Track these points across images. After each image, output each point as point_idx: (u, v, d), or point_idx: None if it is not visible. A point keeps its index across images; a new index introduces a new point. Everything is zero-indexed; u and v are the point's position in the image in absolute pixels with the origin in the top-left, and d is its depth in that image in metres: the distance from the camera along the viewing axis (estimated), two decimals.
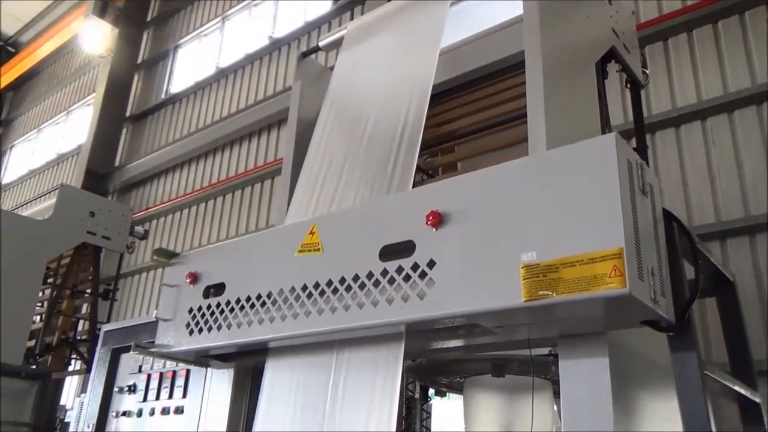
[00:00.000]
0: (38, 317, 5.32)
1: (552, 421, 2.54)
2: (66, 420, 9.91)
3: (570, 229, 1.39)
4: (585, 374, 1.56)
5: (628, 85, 2.60)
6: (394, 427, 1.74)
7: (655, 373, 1.78)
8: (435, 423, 4.16)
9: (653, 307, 1.37)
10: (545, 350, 2.27)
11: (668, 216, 1.59)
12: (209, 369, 2.44)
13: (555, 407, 2.55)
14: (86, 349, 5.26)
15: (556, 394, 2.51)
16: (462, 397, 2.68)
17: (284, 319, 1.85)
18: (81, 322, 5.64)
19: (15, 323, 4.28)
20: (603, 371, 1.53)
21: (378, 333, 1.75)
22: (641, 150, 2.61)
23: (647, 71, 2.61)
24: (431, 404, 4.01)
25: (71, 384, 10.52)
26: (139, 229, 5.61)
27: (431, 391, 3.80)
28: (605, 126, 2.08)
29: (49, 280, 5.27)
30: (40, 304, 5.15)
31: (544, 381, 2.45)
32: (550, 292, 1.37)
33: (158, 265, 9.88)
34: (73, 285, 5.42)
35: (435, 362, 2.53)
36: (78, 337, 5.50)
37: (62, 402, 10.44)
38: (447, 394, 3.40)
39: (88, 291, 5.61)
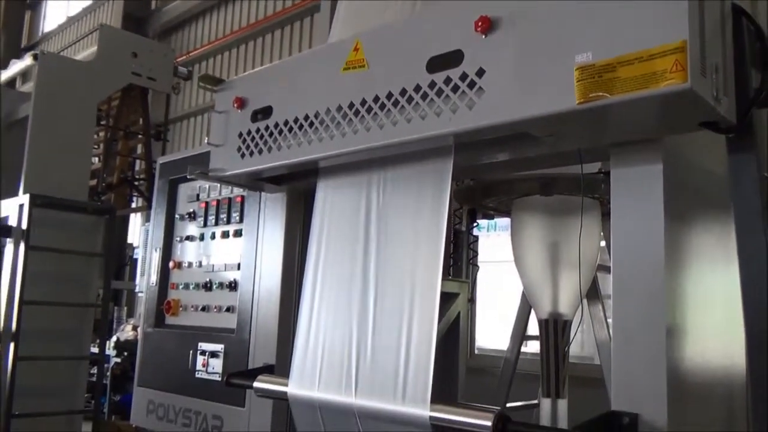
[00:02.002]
0: (96, 158, 5.55)
1: (599, 240, 2.59)
2: (134, 257, 10.68)
3: (629, 26, 1.31)
4: (637, 182, 1.55)
5: None
6: (443, 244, 1.80)
7: (710, 182, 1.76)
8: (481, 255, 4.30)
9: (714, 106, 1.32)
10: (595, 168, 2.26)
11: (737, 11, 1.47)
12: (263, 194, 2.53)
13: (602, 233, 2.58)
14: (145, 187, 5.50)
15: (604, 215, 2.53)
16: (509, 219, 2.73)
17: (332, 138, 1.87)
18: (137, 162, 5.86)
19: (75, 162, 4.47)
20: (656, 178, 1.52)
21: (427, 147, 1.75)
22: None
23: None
24: (477, 236, 4.13)
25: (135, 225, 11.18)
26: (182, 69, 5.59)
27: (478, 223, 3.90)
28: None
29: (102, 122, 5.41)
30: (96, 146, 5.34)
31: (593, 201, 2.46)
32: (605, 93, 1.32)
33: (205, 110, 9.98)
34: (125, 126, 5.56)
35: (482, 184, 2.56)
36: (136, 176, 5.74)
37: (129, 240, 11.19)
38: (494, 218, 3.47)
39: (141, 133, 5.76)
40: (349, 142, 1.82)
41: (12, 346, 3.85)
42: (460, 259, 3.76)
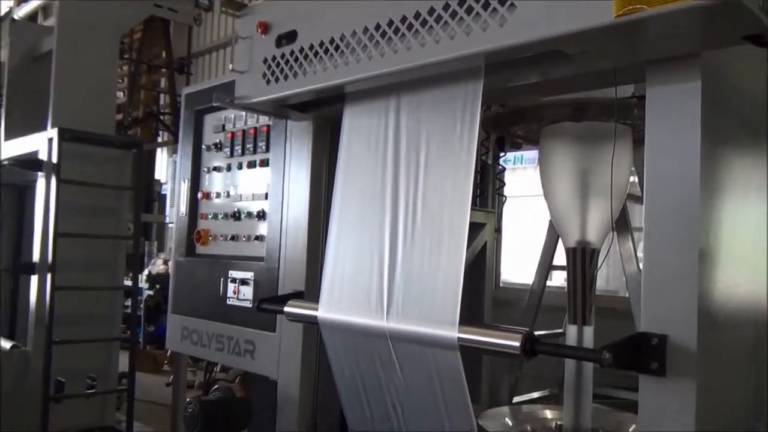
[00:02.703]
0: (121, 93, 5.55)
1: (630, 168, 2.54)
2: (162, 192, 10.83)
3: None
4: (673, 101, 1.50)
5: None
6: (473, 167, 1.77)
7: (748, 102, 1.70)
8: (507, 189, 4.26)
9: (760, 17, 1.25)
10: (628, 93, 2.19)
11: None
12: (289, 122, 2.52)
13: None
14: (170, 121, 5.50)
15: (635, 142, 2.48)
16: (536, 152, 2.68)
17: (359, 62, 1.83)
18: (162, 96, 5.84)
19: (101, 96, 4.48)
20: (694, 96, 1.47)
21: (456, 68, 1.71)
22: None
23: None
24: (504, 167, 4.08)
25: (162, 161, 11.28)
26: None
27: (505, 153, 3.84)
28: None
29: (125, 56, 5.39)
30: (120, 80, 5.33)
31: (625, 126, 2.40)
32: (643, 6, 1.26)
33: (228, 43, 9.85)
34: (148, 59, 5.53)
35: (511, 110, 2.50)
36: (161, 110, 5.75)
37: (156, 177, 11.33)
38: (521, 147, 3.42)
39: (164, 67, 5.72)
40: (376, 66, 1.78)
41: (49, 276, 3.98)
42: (487, 189, 3.73)
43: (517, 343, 1.53)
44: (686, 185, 1.48)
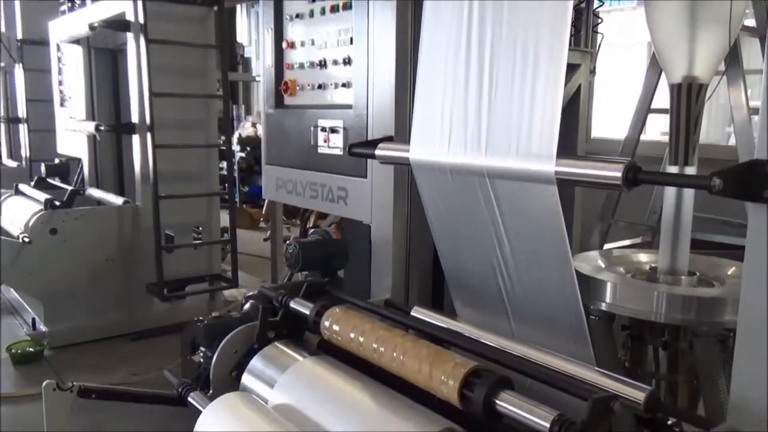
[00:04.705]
0: None
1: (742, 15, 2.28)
2: (246, 55, 10.85)
3: None
4: None
5: None
6: None
7: None
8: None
9: None
10: None
11: None
12: None
13: None
14: None
15: None
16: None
17: None
18: None
19: None
20: None
21: None
22: None
23: None
24: (603, 3, 3.76)
25: (242, 24, 11.21)
26: None
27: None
28: None
29: None
30: None
31: None
32: None
33: None
34: None
35: None
36: None
37: (238, 41, 11.32)
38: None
39: None
40: None
41: (149, 135, 4.16)
42: (581, 28, 3.46)
43: (618, 173, 1.48)
44: None
